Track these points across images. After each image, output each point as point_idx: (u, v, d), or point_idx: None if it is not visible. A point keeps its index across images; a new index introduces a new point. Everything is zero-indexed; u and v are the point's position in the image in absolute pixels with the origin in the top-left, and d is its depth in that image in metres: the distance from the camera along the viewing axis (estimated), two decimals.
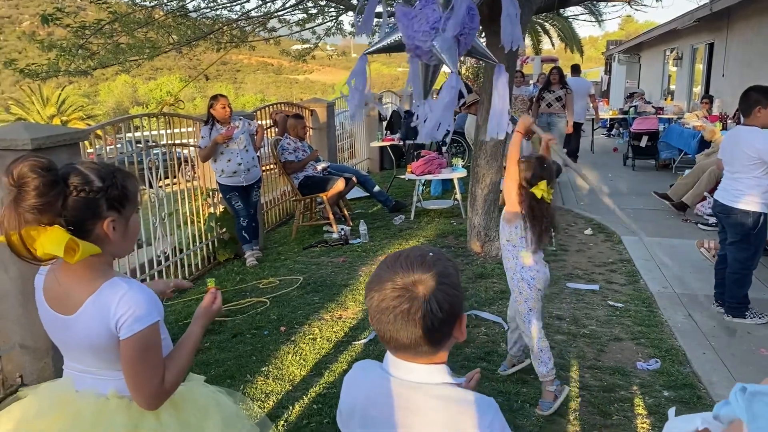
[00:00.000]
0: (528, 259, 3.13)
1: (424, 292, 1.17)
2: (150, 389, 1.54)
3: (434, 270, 1.19)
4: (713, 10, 10.24)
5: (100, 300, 1.50)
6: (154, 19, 6.52)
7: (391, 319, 1.18)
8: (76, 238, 1.43)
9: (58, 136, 3.44)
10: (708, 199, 6.87)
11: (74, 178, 1.46)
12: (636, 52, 19.84)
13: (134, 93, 63.36)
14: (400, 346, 1.21)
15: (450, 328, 1.21)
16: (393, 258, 1.25)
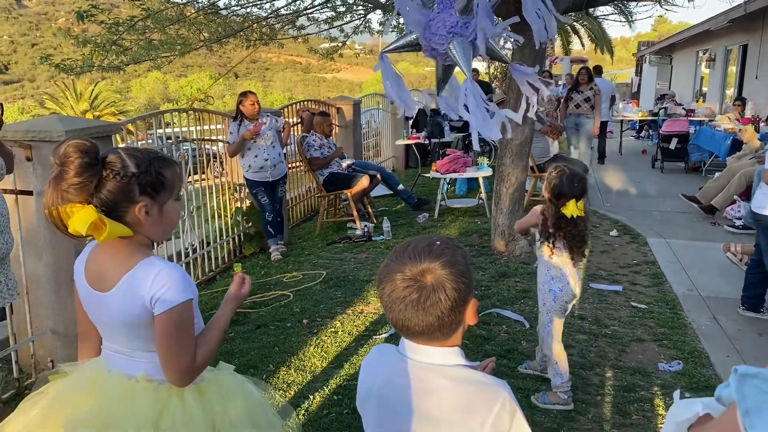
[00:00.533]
0: (557, 272, 3.07)
1: (432, 281, 1.21)
2: (182, 365, 1.58)
3: (442, 258, 1.23)
4: (747, 11, 10.06)
5: (136, 276, 1.55)
6: (186, 16, 6.64)
7: (403, 308, 1.23)
8: (104, 218, 1.49)
9: (91, 128, 3.54)
10: (738, 203, 6.77)
11: (112, 162, 1.52)
12: (668, 54, 19.56)
13: (165, 90, 64.33)
14: (414, 333, 1.26)
15: (461, 313, 1.25)
16: (401, 249, 1.29)
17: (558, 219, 2.94)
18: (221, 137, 6.41)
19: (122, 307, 1.57)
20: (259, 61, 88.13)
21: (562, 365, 3.12)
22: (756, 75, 11.06)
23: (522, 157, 5.66)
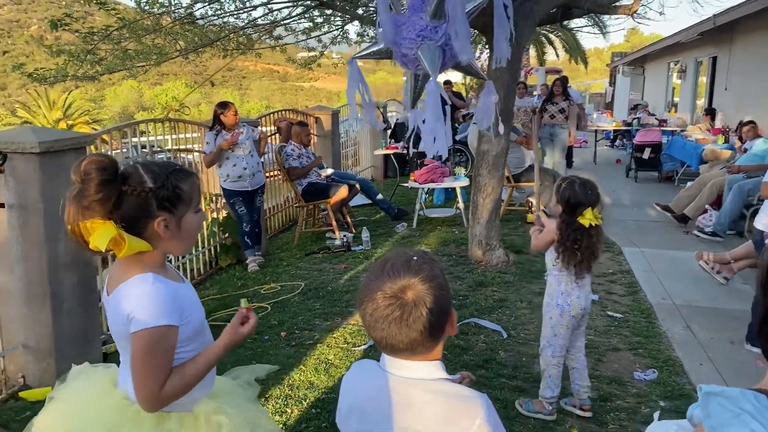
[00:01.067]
0: (568, 285, 3.00)
1: (413, 297, 1.22)
2: (147, 390, 1.54)
3: (421, 274, 1.25)
4: (717, 24, 10.29)
5: (125, 288, 1.55)
6: (162, 26, 6.60)
7: (386, 326, 1.23)
8: (123, 233, 1.52)
9: (66, 140, 3.49)
10: (709, 212, 6.90)
11: (130, 178, 1.54)
12: (640, 65, 19.91)
13: (140, 98, 63.71)
14: (398, 349, 1.26)
15: (442, 326, 1.27)
16: (380, 266, 1.30)
17: (575, 230, 2.83)
18: (197, 146, 6.37)
19: (112, 316, 1.59)
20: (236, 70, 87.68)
21: (554, 380, 3.10)
22: (725, 87, 11.31)
23: (498, 167, 5.71)
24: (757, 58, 9.86)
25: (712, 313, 4.51)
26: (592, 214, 2.79)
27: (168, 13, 6.39)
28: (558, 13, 6.02)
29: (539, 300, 4.67)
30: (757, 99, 9.70)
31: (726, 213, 6.36)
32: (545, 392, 3.13)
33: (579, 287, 2.99)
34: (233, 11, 6.91)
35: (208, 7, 6.92)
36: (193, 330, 1.63)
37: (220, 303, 5.04)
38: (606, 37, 14.58)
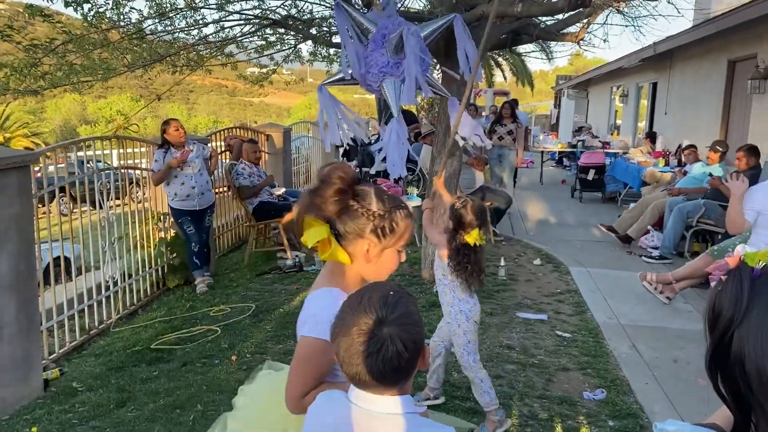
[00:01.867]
0: (463, 294, 3.18)
1: (389, 334, 1.22)
2: (292, 392, 1.61)
3: (397, 311, 1.25)
4: (657, 52, 10.74)
5: (314, 295, 1.67)
6: (110, 41, 6.44)
7: (360, 362, 1.22)
8: (333, 239, 1.64)
9: (8, 158, 3.36)
10: (651, 233, 7.15)
11: (361, 197, 1.64)
12: (584, 88, 20.57)
13: (83, 111, 61.86)
14: (369, 385, 1.25)
15: (415, 361, 1.27)
16: (355, 300, 1.29)
17: (464, 246, 3.04)
18: (144, 161, 6.23)
19: (301, 314, 1.68)
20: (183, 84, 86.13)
21: (487, 382, 3.20)
22: (665, 111, 11.79)
23: (450, 188, 5.77)
24: (693, 84, 10.33)
25: (656, 332, 4.65)
26: (477, 234, 3.01)
27: (116, 27, 6.25)
28: (508, 38, 6.17)
29: (491, 320, 4.74)
30: (694, 123, 10.15)
31: (669, 236, 6.59)
32: (484, 398, 3.19)
33: (470, 295, 3.19)
34: (184, 28, 6.81)
35: (159, 23, 6.80)
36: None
37: (168, 325, 4.91)
38: (552, 62, 15.00)
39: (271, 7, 6.44)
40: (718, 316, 0.82)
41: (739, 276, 0.83)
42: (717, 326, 0.82)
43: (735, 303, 0.80)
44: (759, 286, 0.80)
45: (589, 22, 5.92)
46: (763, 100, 7.65)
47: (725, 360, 0.81)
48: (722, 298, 0.83)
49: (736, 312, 0.80)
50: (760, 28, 7.62)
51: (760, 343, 0.76)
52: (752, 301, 0.78)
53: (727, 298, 0.82)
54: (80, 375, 4.09)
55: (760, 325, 0.76)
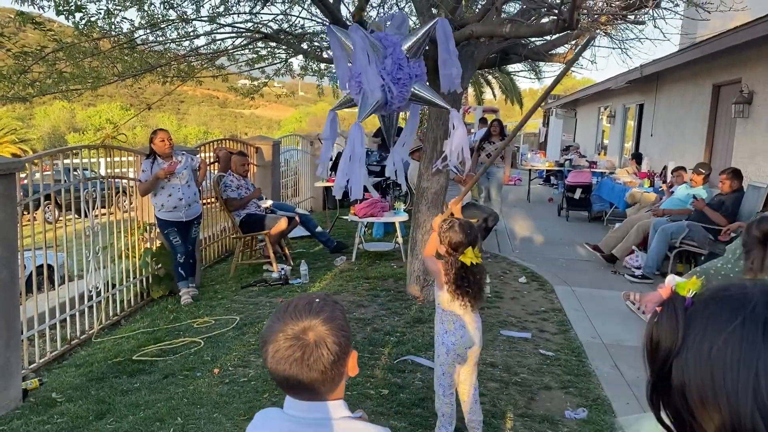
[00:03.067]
0: (451, 325, 3.11)
1: (314, 338, 1.25)
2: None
3: (322, 315, 1.28)
4: (643, 74, 10.90)
5: None
6: (100, 50, 6.44)
7: (287, 366, 1.26)
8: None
9: None
10: (636, 253, 7.21)
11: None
12: (572, 107, 20.79)
13: (72, 118, 61.55)
14: (299, 390, 1.29)
15: (343, 366, 1.31)
16: (282, 308, 1.32)
17: (460, 268, 3.00)
18: (131, 171, 6.21)
19: None
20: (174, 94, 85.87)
21: (447, 418, 3.17)
22: (651, 133, 11.94)
23: (437, 204, 5.80)
24: (679, 107, 10.48)
25: (638, 352, 4.63)
26: (472, 253, 2.98)
27: (107, 37, 6.25)
28: (497, 57, 6.24)
29: None
30: (679, 146, 10.28)
31: (653, 256, 6.65)
32: (441, 431, 3.19)
33: (462, 326, 3.09)
34: (175, 39, 6.83)
35: (150, 34, 6.81)
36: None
37: (151, 337, 4.87)
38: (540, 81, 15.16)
39: (263, 21, 6.47)
40: (657, 348, 0.84)
41: (672, 306, 0.84)
42: (656, 357, 0.83)
43: (672, 333, 0.81)
44: (692, 315, 0.81)
45: (577, 43, 6.00)
46: (746, 124, 7.78)
47: (667, 390, 0.82)
48: (659, 329, 0.84)
49: (673, 342, 0.81)
50: (744, 54, 7.76)
51: (700, 371, 0.77)
52: (688, 330, 0.80)
53: (663, 329, 0.83)
54: (60, 385, 4.05)
55: (697, 353, 0.77)
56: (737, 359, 0.74)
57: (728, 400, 0.73)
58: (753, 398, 0.72)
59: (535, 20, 4.86)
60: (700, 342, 0.78)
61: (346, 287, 6.14)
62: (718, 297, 0.80)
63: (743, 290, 0.79)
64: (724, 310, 0.78)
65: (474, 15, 5.26)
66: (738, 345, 0.74)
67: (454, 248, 3.00)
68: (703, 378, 0.76)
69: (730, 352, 0.74)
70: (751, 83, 7.66)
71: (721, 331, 0.76)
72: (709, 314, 0.79)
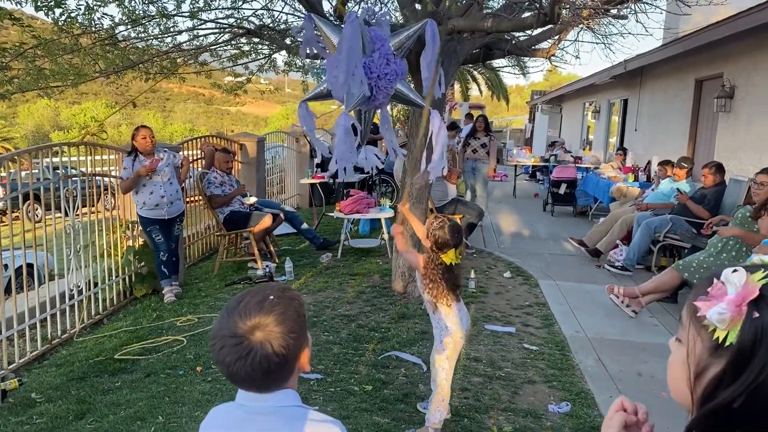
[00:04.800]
0: (447, 309, 3.21)
1: (260, 339, 1.23)
2: None
3: (272, 315, 1.25)
4: (627, 69, 10.95)
5: None
6: (81, 46, 6.37)
7: (232, 362, 1.23)
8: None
9: None
10: (620, 247, 7.24)
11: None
12: (558, 103, 20.86)
13: (56, 117, 60.96)
14: (249, 385, 1.28)
15: (291, 365, 1.28)
16: (234, 303, 1.29)
17: (439, 265, 3.12)
18: (114, 169, 6.15)
19: None
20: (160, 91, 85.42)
21: (445, 403, 3.25)
22: (635, 127, 12.00)
23: (422, 200, 5.80)
24: (662, 102, 10.54)
25: (621, 346, 4.70)
26: (454, 254, 3.11)
27: (87, 33, 6.18)
28: (480, 53, 6.24)
29: None
30: (662, 140, 10.34)
31: (635, 248, 6.69)
32: (435, 416, 3.25)
33: (458, 310, 3.22)
34: (158, 35, 6.76)
35: (132, 30, 6.75)
36: None
37: (133, 335, 4.83)
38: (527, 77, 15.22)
39: (244, 17, 6.42)
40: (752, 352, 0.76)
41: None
42: (753, 363, 0.76)
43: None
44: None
45: (560, 38, 6.02)
46: (728, 118, 7.84)
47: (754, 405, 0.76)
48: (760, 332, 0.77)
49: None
50: (725, 49, 7.81)
51: None
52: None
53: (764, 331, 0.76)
54: (40, 386, 4.00)
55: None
56: None
57: None
58: None
59: (516, 15, 4.86)
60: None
61: (332, 284, 6.12)
62: None
63: None
64: None
65: (457, 10, 5.25)
66: None
67: (439, 246, 3.10)
68: None
69: None
70: (733, 78, 7.72)
71: None
72: None
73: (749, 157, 7.22)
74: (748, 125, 7.32)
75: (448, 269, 3.13)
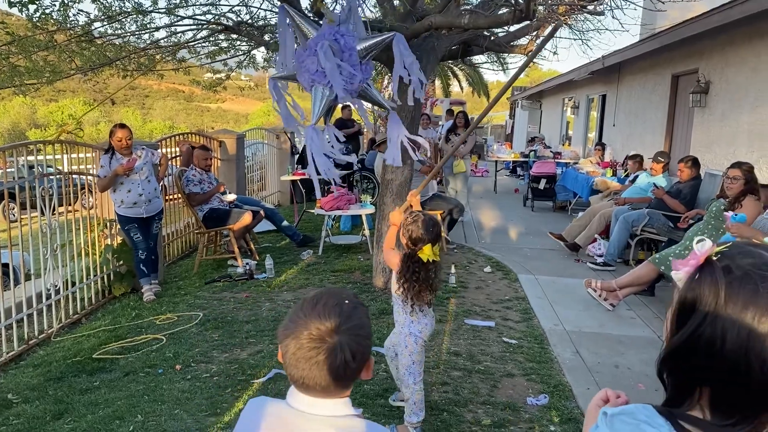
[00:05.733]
0: (416, 314, 3.17)
1: (340, 343, 1.23)
2: None
3: (350, 322, 1.26)
4: (605, 65, 11.05)
5: None
6: (56, 42, 6.28)
7: (307, 367, 1.23)
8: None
9: None
10: (598, 241, 7.33)
11: None
12: (538, 99, 20.99)
13: (33, 115, 60.04)
14: (312, 389, 1.26)
15: (359, 372, 1.29)
16: (311, 304, 1.29)
17: (415, 263, 3.04)
18: (91, 167, 6.08)
19: None
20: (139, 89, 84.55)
21: (419, 405, 3.24)
22: (613, 123, 12.13)
23: (402, 196, 5.81)
24: (640, 97, 10.66)
25: (599, 338, 4.76)
26: (431, 251, 3.00)
27: (62, 30, 6.10)
28: (459, 49, 6.26)
29: (439, 327, 4.79)
30: (640, 135, 10.46)
31: (614, 244, 6.77)
32: (411, 418, 3.25)
33: (424, 314, 3.18)
34: (135, 32, 6.69)
35: (108, 26, 6.66)
36: None
37: (112, 335, 4.80)
38: (506, 73, 15.28)
39: (222, 13, 6.38)
40: (692, 308, 0.89)
41: (712, 271, 0.89)
42: (692, 319, 0.89)
43: (713, 296, 0.87)
44: (733, 283, 0.87)
45: (538, 34, 6.06)
46: (703, 113, 7.95)
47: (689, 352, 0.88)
48: (698, 290, 0.89)
49: (714, 304, 0.87)
50: (699, 44, 7.92)
51: (740, 336, 0.84)
52: (729, 296, 0.86)
53: (704, 291, 0.89)
54: (16, 386, 3.96)
55: (739, 319, 0.84)
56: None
57: (762, 367, 0.82)
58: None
59: (493, 12, 4.88)
60: (743, 313, 0.84)
61: (312, 281, 6.12)
62: (761, 275, 0.87)
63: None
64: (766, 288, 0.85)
65: (435, 7, 5.27)
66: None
67: (413, 242, 3.02)
68: (740, 345, 0.83)
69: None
70: (708, 73, 7.83)
71: (763, 309, 0.84)
72: (753, 290, 0.86)
73: (723, 151, 7.33)
74: (722, 120, 7.43)
75: (424, 268, 3.05)
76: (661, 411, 0.90)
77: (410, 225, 3.03)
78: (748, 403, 0.85)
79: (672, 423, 0.87)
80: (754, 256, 0.89)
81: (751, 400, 0.84)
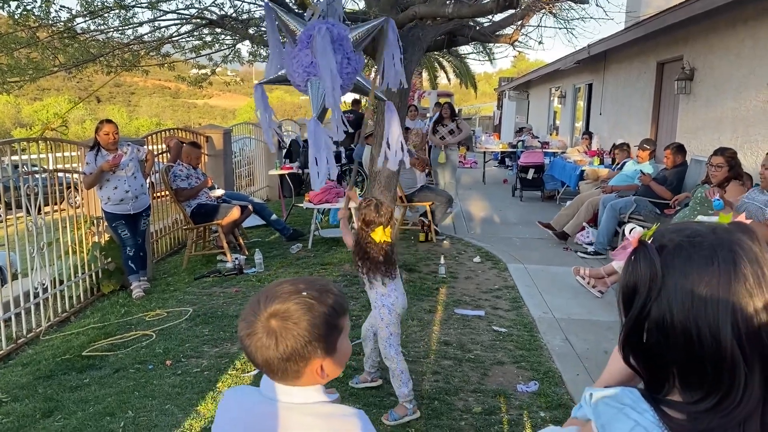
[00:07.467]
0: (383, 288, 3.37)
1: (269, 328, 1.22)
2: None
3: (294, 309, 1.24)
4: (591, 54, 11.08)
5: None
6: (38, 39, 6.23)
7: (260, 353, 1.23)
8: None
9: None
10: (586, 229, 7.37)
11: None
12: (525, 89, 21.02)
13: (17, 114, 59.42)
14: (277, 376, 1.26)
15: (295, 367, 1.25)
16: (265, 291, 1.29)
17: (368, 243, 3.28)
18: (77, 164, 6.04)
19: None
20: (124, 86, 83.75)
21: (406, 374, 3.35)
22: (600, 111, 12.18)
23: (390, 188, 5.82)
24: (626, 85, 10.70)
25: (588, 325, 4.80)
26: (383, 233, 3.27)
27: (44, 26, 6.04)
28: (445, 40, 6.26)
29: (430, 317, 4.80)
30: (626, 123, 10.51)
31: (603, 232, 6.81)
32: (402, 389, 3.33)
33: (394, 288, 3.40)
34: (118, 27, 6.65)
35: (91, 22, 6.61)
36: None
37: (101, 332, 4.78)
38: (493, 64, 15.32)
39: (206, 7, 6.34)
40: (634, 291, 0.91)
41: (646, 252, 0.91)
42: (634, 301, 0.90)
43: (651, 275, 0.88)
44: (667, 258, 0.88)
45: (523, 24, 6.06)
46: (688, 100, 8.00)
47: (641, 331, 0.90)
48: (636, 273, 0.91)
49: (653, 283, 0.88)
50: (684, 31, 7.96)
51: (684, 307, 0.85)
52: (667, 271, 0.87)
53: (641, 272, 0.90)
54: (5, 385, 3.94)
55: (680, 291, 0.86)
56: (717, 296, 0.84)
57: (710, 332, 0.83)
58: (731, 329, 0.82)
59: (477, 1, 4.88)
60: (682, 281, 0.86)
61: (302, 274, 6.12)
62: (691, 242, 0.88)
63: (713, 235, 0.89)
64: (700, 254, 0.87)
65: None
66: (716, 284, 0.84)
67: (366, 224, 3.29)
68: (686, 313, 0.85)
69: (710, 290, 0.84)
70: (692, 60, 7.88)
71: (701, 273, 0.85)
72: (686, 257, 0.87)
73: (709, 137, 7.38)
74: (707, 106, 7.48)
75: (379, 248, 3.27)
76: (645, 396, 0.90)
77: (364, 209, 3.32)
78: (708, 374, 0.85)
79: (655, 408, 0.88)
80: (684, 229, 0.92)
81: (710, 371, 0.85)
